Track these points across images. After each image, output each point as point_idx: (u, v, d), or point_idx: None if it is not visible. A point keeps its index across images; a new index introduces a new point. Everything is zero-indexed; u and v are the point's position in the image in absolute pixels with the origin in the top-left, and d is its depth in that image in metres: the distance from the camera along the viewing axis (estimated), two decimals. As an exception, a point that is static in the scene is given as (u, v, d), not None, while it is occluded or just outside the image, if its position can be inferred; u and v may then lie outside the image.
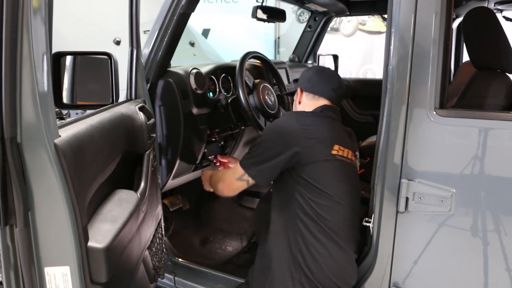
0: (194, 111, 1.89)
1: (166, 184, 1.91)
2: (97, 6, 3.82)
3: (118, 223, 1.14)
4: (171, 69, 1.89)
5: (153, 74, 1.80)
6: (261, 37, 5.57)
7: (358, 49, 5.91)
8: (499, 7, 2.51)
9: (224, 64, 2.26)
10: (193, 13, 1.83)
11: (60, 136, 0.96)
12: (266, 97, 2.06)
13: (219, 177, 1.64)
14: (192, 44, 4.05)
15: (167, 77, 1.83)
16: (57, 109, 1.58)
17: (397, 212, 1.30)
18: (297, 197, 1.41)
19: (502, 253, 1.21)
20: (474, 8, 1.56)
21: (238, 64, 1.97)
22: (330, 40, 5.55)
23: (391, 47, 1.25)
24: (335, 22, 5.83)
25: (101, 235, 1.07)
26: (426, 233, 1.29)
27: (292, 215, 1.43)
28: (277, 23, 4.89)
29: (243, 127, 2.15)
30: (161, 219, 1.76)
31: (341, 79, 1.65)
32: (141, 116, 1.44)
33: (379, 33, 5.72)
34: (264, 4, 2.46)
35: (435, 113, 1.21)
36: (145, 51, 1.79)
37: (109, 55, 1.39)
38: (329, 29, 3.50)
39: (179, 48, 1.89)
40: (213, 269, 1.97)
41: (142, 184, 1.40)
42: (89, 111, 1.23)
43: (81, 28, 3.62)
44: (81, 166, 1.02)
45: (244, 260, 2.28)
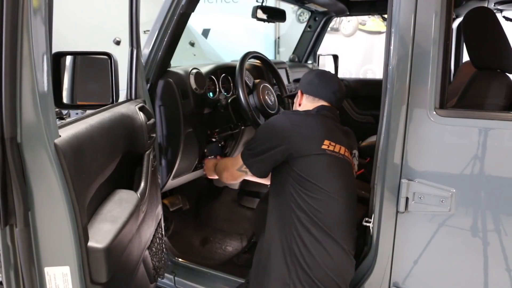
0: (194, 111, 1.89)
1: (166, 184, 1.91)
2: (97, 6, 3.82)
3: (118, 223, 1.14)
4: (171, 69, 1.89)
5: (153, 74, 1.80)
6: (261, 37, 5.57)
7: (358, 49, 5.91)
8: (499, 7, 2.51)
9: (224, 64, 2.26)
10: (193, 13, 1.83)
11: (60, 136, 0.96)
12: (266, 97, 2.06)
13: (224, 166, 1.81)
14: (192, 44, 4.05)
15: (167, 77, 1.83)
16: (57, 109, 1.58)
17: (397, 212, 1.30)
18: (291, 190, 1.45)
19: (502, 253, 1.21)
20: (474, 8, 1.56)
21: (238, 64, 1.97)
22: (330, 40, 5.55)
23: (391, 47, 1.25)
24: (335, 22, 5.83)
25: (101, 235, 1.07)
26: (426, 233, 1.29)
27: (286, 208, 1.46)
28: (277, 23, 4.88)
29: (243, 127, 2.15)
30: (161, 219, 1.76)
31: (341, 83, 1.68)
32: (141, 116, 1.44)
33: (379, 33, 5.72)
34: (264, 4, 2.46)
35: (435, 113, 1.21)
36: (145, 51, 1.79)
37: (109, 55, 1.39)
38: (329, 29, 3.50)
39: (179, 48, 1.89)
40: (213, 269, 1.97)
41: (142, 184, 1.40)
42: (89, 111, 1.23)
43: (81, 28, 3.62)
44: (81, 166, 1.02)
45: (244, 260, 2.27)
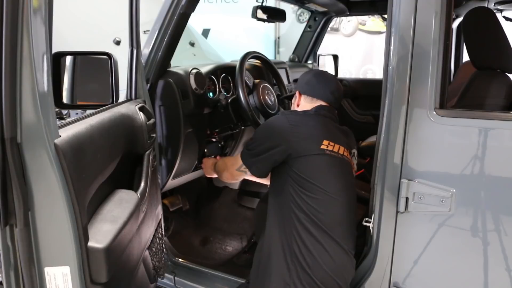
0: (194, 111, 1.89)
1: (166, 184, 1.91)
2: (97, 6, 3.81)
3: (118, 223, 1.14)
4: (171, 69, 1.89)
5: (153, 74, 1.80)
6: (261, 37, 5.56)
7: (358, 49, 5.91)
8: (499, 7, 2.50)
9: (224, 64, 2.26)
10: (193, 13, 1.83)
11: (60, 136, 0.96)
12: (266, 97, 2.06)
13: (224, 166, 1.81)
14: (192, 44, 4.04)
15: (167, 77, 1.83)
16: (57, 109, 1.58)
17: (397, 212, 1.30)
18: (290, 190, 1.45)
19: (502, 253, 1.21)
20: (474, 8, 1.56)
21: (238, 64, 1.97)
22: (330, 40, 5.55)
23: (391, 47, 1.25)
24: (335, 22, 5.83)
25: (101, 235, 1.07)
26: (426, 233, 1.29)
27: (286, 208, 1.46)
28: (277, 23, 4.88)
29: (243, 127, 2.15)
30: (161, 219, 1.76)
31: (339, 82, 1.68)
32: (141, 116, 1.44)
33: (379, 33, 5.72)
34: (264, 4, 2.46)
35: (435, 113, 1.21)
36: (145, 51, 1.79)
37: (109, 55, 1.39)
38: (329, 29, 3.50)
39: (179, 48, 1.89)
40: (213, 269, 1.97)
41: (142, 184, 1.40)
42: (89, 111, 1.23)
43: (81, 28, 3.61)
44: (81, 166, 1.02)
45: (244, 260, 2.28)
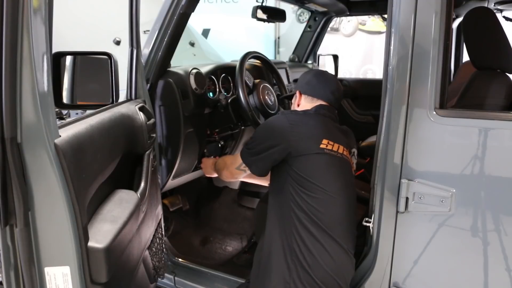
0: (194, 111, 1.89)
1: (166, 184, 1.91)
2: (97, 6, 3.81)
3: (118, 223, 1.14)
4: (171, 69, 1.89)
5: (153, 74, 1.80)
6: (261, 37, 5.56)
7: (358, 49, 5.91)
8: (499, 7, 2.50)
9: (224, 64, 2.26)
10: (193, 13, 1.83)
11: (60, 136, 0.96)
12: (266, 97, 2.06)
13: (224, 164, 1.81)
14: (192, 44, 4.05)
15: (167, 77, 1.83)
16: (57, 109, 1.58)
17: (397, 212, 1.30)
18: (290, 190, 1.45)
19: (502, 253, 1.21)
20: (474, 8, 1.56)
21: (238, 64, 1.97)
22: (330, 40, 5.55)
23: (391, 47, 1.25)
24: (335, 22, 5.83)
25: (101, 235, 1.07)
26: (426, 233, 1.29)
27: (286, 208, 1.46)
28: (277, 23, 4.88)
29: (243, 127, 2.15)
30: (161, 219, 1.76)
31: (339, 82, 1.68)
32: (141, 116, 1.44)
33: (379, 33, 5.72)
34: (264, 4, 2.46)
35: (435, 113, 1.21)
36: (145, 51, 1.79)
37: (109, 55, 1.39)
38: (329, 29, 3.50)
39: (179, 48, 1.89)
40: (213, 269, 1.97)
41: (142, 184, 1.40)
42: (89, 111, 1.23)
43: (81, 28, 3.61)
44: (81, 166, 1.02)
45: (244, 260, 2.28)
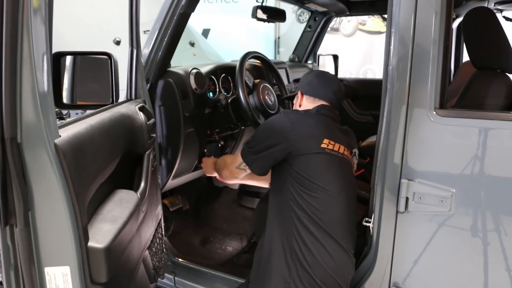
0: (194, 111, 1.89)
1: (166, 184, 1.91)
2: (97, 6, 3.82)
3: (118, 223, 1.14)
4: (171, 69, 1.89)
5: (153, 74, 1.80)
6: (261, 37, 5.56)
7: (358, 49, 5.91)
8: (499, 7, 2.50)
9: (224, 64, 2.26)
10: (193, 13, 1.83)
11: (60, 136, 0.96)
12: (266, 97, 2.06)
13: (224, 163, 1.81)
14: (192, 44, 4.05)
15: (167, 77, 1.83)
16: (57, 109, 1.58)
17: (397, 212, 1.30)
18: (291, 189, 1.45)
19: (502, 253, 1.21)
20: (474, 8, 1.56)
21: (238, 64, 1.97)
22: (330, 40, 5.55)
23: (391, 47, 1.25)
24: (335, 22, 5.83)
25: (101, 235, 1.07)
26: (426, 233, 1.29)
27: (286, 207, 1.46)
28: (277, 23, 4.88)
29: (243, 127, 2.15)
30: (161, 219, 1.76)
31: (340, 83, 1.68)
32: (141, 116, 1.44)
33: (379, 33, 5.72)
34: (264, 4, 2.46)
35: (435, 113, 1.21)
36: (145, 51, 1.79)
37: (109, 55, 1.39)
38: (329, 29, 3.50)
39: (179, 48, 1.89)
40: (213, 269, 1.97)
41: (142, 184, 1.40)
42: (89, 111, 1.23)
43: (81, 28, 3.62)
44: (81, 166, 1.02)
45: (244, 260, 2.28)
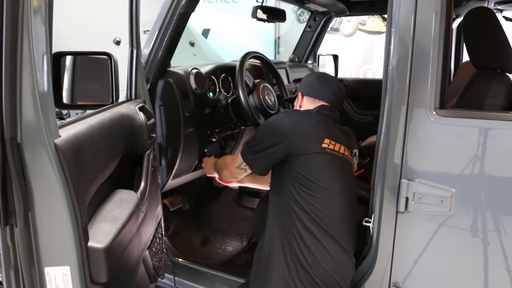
0: (194, 111, 1.89)
1: (166, 184, 1.91)
2: (97, 6, 3.82)
3: (118, 223, 1.14)
4: (171, 69, 1.89)
5: (153, 74, 1.80)
6: (261, 37, 5.56)
7: (358, 49, 5.91)
8: (499, 7, 2.50)
9: (224, 64, 2.26)
10: (193, 13, 1.83)
11: (60, 136, 0.96)
12: (266, 97, 2.06)
13: (224, 164, 1.82)
14: (192, 44, 4.05)
15: (167, 77, 1.83)
16: (57, 109, 1.58)
17: (397, 212, 1.30)
18: (291, 189, 1.45)
19: (502, 253, 1.21)
20: (474, 8, 1.56)
21: (238, 64, 1.97)
22: (330, 40, 5.55)
23: (391, 47, 1.25)
24: (335, 22, 5.83)
25: (101, 235, 1.07)
26: (426, 233, 1.29)
27: (286, 207, 1.46)
28: (277, 23, 4.88)
29: (243, 127, 2.15)
30: (161, 219, 1.76)
31: (340, 84, 1.69)
32: (141, 116, 1.44)
33: (379, 33, 5.72)
34: (264, 4, 2.46)
35: (435, 113, 1.21)
36: (145, 51, 1.79)
37: (109, 55, 1.39)
38: (329, 29, 3.50)
39: (179, 48, 1.89)
40: (213, 269, 1.97)
41: (142, 184, 1.40)
42: (89, 111, 1.23)
43: (81, 28, 3.62)
44: (81, 166, 1.02)
45: (244, 260, 2.28)
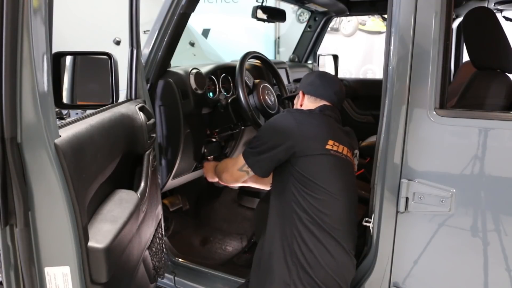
0: (194, 111, 1.89)
1: (166, 184, 1.91)
2: (97, 6, 3.82)
3: (118, 223, 1.14)
4: (171, 69, 1.89)
5: (153, 74, 1.80)
6: (261, 37, 5.57)
7: (358, 49, 5.91)
8: (499, 7, 2.51)
9: (224, 64, 2.26)
10: (193, 13, 1.83)
11: (60, 136, 0.96)
12: (266, 97, 2.06)
13: (224, 167, 1.77)
14: (192, 44, 4.05)
15: (167, 77, 1.83)
16: (57, 109, 1.58)
17: (397, 212, 1.30)
18: (293, 190, 1.44)
19: (502, 253, 1.21)
20: (474, 8, 1.56)
21: (238, 64, 1.97)
22: (330, 40, 5.55)
23: (391, 47, 1.25)
24: (335, 22, 5.83)
25: (101, 235, 1.07)
26: (426, 233, 1.29)
27: (288, 208, 1.45)
28: (277, 23, 4.88)
29: (243, 127, 2.15)
30: (161, 219, 1.76)
31: (341, 83, 1.69)
32: (141, 116, 1.44)
33: (379, 33, 5.72)
34: (264, 4, 2.46)
35: (435, 113, 1.21)
36: (145, 51, 1.79)
37: (109, 55, 1.39)
38: (329, 29, 3.50)
39: (179, 48, 1.89)
40: (213, 269, 1.97)
41: (142, 184, 1.40)
42: (89, 111, 1.23)
43: (81, 28, 3.62)
44: (81, 166, 1.02)
45: (244, 260, 2.28)
